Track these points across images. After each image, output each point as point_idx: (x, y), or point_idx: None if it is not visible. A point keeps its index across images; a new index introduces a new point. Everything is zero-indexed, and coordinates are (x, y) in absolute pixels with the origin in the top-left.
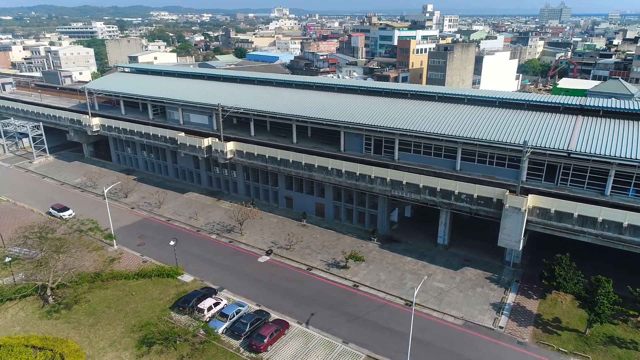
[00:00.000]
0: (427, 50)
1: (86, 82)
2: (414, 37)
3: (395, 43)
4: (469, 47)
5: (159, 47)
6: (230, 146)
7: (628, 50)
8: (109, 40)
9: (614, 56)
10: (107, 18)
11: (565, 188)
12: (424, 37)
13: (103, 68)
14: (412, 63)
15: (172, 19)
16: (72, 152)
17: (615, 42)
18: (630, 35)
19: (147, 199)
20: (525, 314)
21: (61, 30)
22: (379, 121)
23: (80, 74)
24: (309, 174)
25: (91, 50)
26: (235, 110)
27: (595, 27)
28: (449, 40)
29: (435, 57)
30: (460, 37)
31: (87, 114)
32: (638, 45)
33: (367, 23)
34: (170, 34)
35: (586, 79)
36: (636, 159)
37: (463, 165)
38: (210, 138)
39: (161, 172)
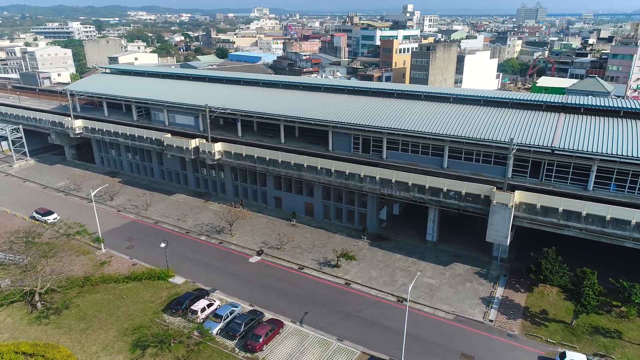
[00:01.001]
0: (410, 50)
1: (65, 84)
2: (395, 37)
3: (377, 43)
4: (451, 46)
5: (139, 48)
6: (218, 147)
7: (603, 50)
8: (87, 40)
9: (589, 55)
10: (83, 18)
11: (550, 184)
12: (406, 37)
13: (82, 69)
14: (395, 63)
15: (150, 19)
16: (54, 155)
17: (590, 41)
18: (604, 34)
19: (134, 202)
20: (514, 307)
21: (36, 30)
22: (367, 120)
23: (59, 75)
24: (298, 174)
25: (69, 51)
26: (223, 111)
27: (570, 26)
28: (431, 39)
29: (418, 57)
30: (442, 37)
31: (69, 116)
32: (612, 44)
33: (349, 23)
34: (150, 34)
35: (564, 77)
36: (617, 154)
37: (450, 163)
38: (197, 139)
39: (147, 174)
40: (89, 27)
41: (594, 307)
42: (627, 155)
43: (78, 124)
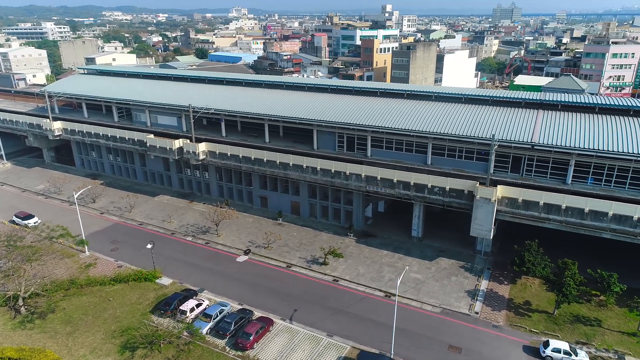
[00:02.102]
0: (390, 50)
1: (41, 85)
2: (375, 37)
3: (358, 43)
4: (431, 46)
5: (116, 48)
6: (203, 147)
7: (576, 49)
8: (62, 41)
9: (564, 54)
10: (56, 18)
11: (530, 178)
12: (386, 37)
13: (57, 70)
14: (376, 62)
15: (126, 19)
16: (32, 158)
17: (564, 40)
18: (577, 34)
19: (117, 204)
20: (498, 299)
21: (8, 31)
22: (351, 119)
23: (34, 76)
24: (284, 173)
25: (44, 52)
26: (206, 111)
27: (545, 26)
28: (411, 39)
29: (399, 56)
30: (421, 37)
31: (47, 117)
32: (586, 43)
33: (329, 23)
34: (126, 35)
35: (540, 75)
36: (594, 149)
37: (433, 160)
38: (181, 139)
39: (129, 176)
40: (64, 28)
41: (575, 297)
42: (604, 150)
43: (57, 125)
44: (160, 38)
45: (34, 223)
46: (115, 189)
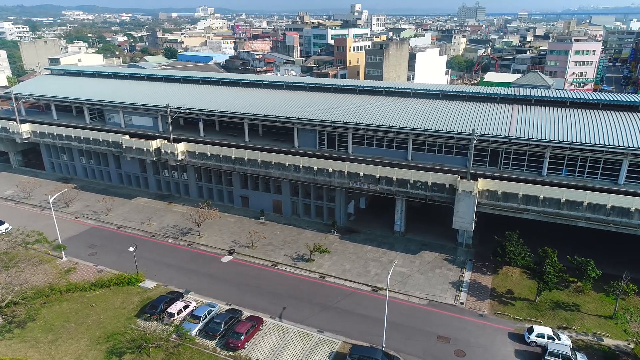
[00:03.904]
0: (363, 48)
1: (3, 87)
2: (347, 36)
3: (329, 42)
4: (403, 44)
5: (80, 49)
6: (181, 147)
7: (540, 46)
8: (23, 41)
9: (529, 52)
10: (13, 18)
11: (508, 171)
12: (357, 36)
13: (19, 72)
14: (350, 61)
15: (88, 19)
16: None
17: (528, 38)
18: (539, 32)
19: (92, 207)
20: (482, 289)
21: None
22: (332, 116)
23: None
24: (265, 172)
25: (3, 53)
26: (184, 111)
27: (508, 25)
28: (383, 38)
29: (372, 54)
30: (393, 35)
31: (13, 120)
32: (550, 41)
33: (300, 22)
34: (90, 35)
35: (507, 72)
36: (568, 141)
37: (414, 155)
38: (158, 140)
39: (103, 179)
40: (22, 28)
41: (555, 284)
42: (577, 142)
43: (25, 128)
44: (126, 38)
45: (5, 230)
46: (89, 192)
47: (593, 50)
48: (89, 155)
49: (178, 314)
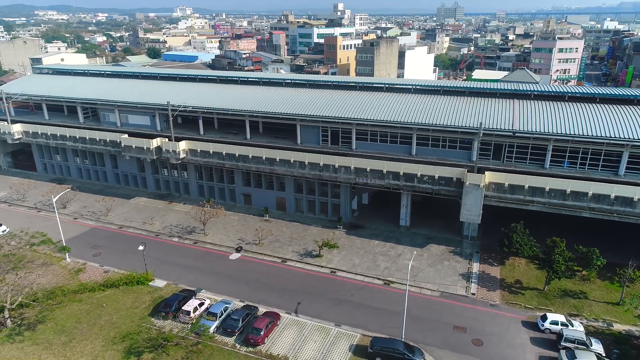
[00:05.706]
0: (353, 47)
1: None
2: (333, 34)
3: (315, 41)
4: (393, 42)
5: (59, 49)
6: (183, 145)
7: (522, 44)
8: (0, 42)
9: (512, 50)
10: None
11: (511, 164)
12: (343, 35)
13: None
14: (340, 59)
15: (62, 19)
16: None
17: (510, 37)
18: (519, 31)
19: (90, 208)
20: (491, 280)
21: None
22: (336, 112)
23: None
24: (270, 169)
25: None
26: (184, 109)
27: (487, 24)
28: (372, 36)
29: (363, 53)
30: (382, 34)
31: (4, 120)
32: (534, 39)
33: (284, 21)
34: (67, 35)
35: (492, 70)
36: (569, 133)
37: (418, 150)
38: (159, 138)
39: (99, 179)
40: None
41: (563, 272)
42: (579, 134)
43: (17, 128)
44: (105, 38)
45: (2, 232)
46: (85, 193)
47: (576, 48)
48: (83, 155)
49: (194, 312)
